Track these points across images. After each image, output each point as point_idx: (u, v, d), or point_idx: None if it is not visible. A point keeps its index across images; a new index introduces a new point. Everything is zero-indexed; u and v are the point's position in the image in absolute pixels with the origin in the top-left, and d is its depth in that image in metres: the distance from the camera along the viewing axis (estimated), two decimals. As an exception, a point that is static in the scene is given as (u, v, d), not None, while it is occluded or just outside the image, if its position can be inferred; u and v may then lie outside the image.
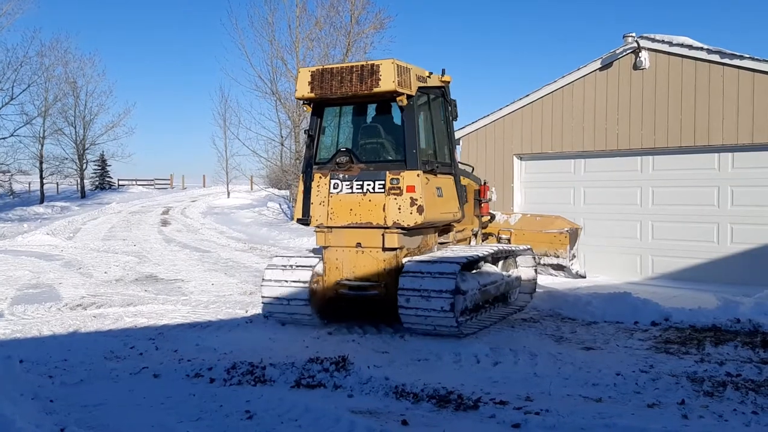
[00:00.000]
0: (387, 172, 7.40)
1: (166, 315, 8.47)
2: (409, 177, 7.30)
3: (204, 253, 15.98)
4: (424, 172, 7.41)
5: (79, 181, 42.47)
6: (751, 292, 9.37)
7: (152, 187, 51.18)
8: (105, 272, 12.78)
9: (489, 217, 9.96)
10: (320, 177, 7.75)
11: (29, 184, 42.16)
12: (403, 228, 7.34)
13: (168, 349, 6.74)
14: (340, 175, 7.63)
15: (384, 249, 7.43)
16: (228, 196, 37.28)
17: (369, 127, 8.01)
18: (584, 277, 10.18)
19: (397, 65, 7.15)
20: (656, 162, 11.70)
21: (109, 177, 48.81)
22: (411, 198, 7.25)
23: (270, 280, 7.73)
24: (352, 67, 7.37)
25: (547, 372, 5.77)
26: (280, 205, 29.11)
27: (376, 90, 7.18)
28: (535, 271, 9.15)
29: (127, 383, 5.59)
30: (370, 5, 23.70)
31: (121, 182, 50.26)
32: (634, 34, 11.65)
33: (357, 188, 7.51)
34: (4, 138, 32.02)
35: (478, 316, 7.84)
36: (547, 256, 9.94)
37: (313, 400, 4.98)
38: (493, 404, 4.88)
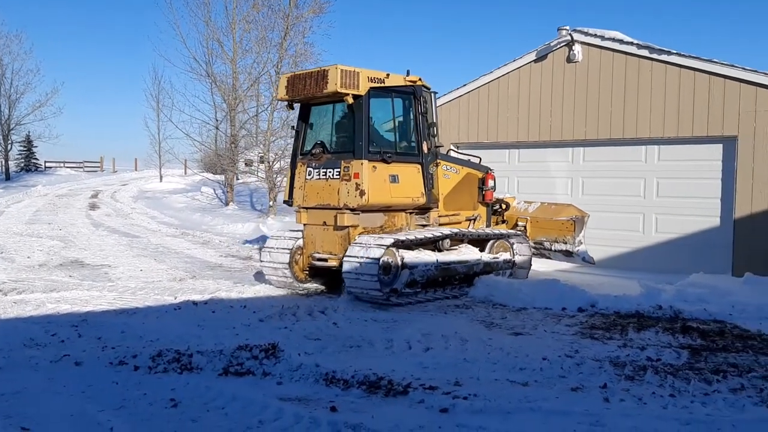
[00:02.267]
0: (342, 161, 8.67)
1: (91, 301, 8.19)
2: (356, 165, 8.52)
3: (133, 239, 15.56)
4: (373, 161, 8.55)
5: (3, 162, 40.57)
6: (673, 279, 9.73)
7: (81, 169, 49.46)
8: (28, 257, 12.29)
9: (505, 206, 10.93)
10: (301, 165, 9.26)
11: (-51, 164, 40.17)
12: (350, 209, 8.59)
13: (91, 336, 6.52)
14: (313, 164, 9.06)
15: (336, 227, 8.76)
16: (160, 180, 36.37)
17: (338, 124, 9.27)
18: (592, 263, 10.50)
19: (342, 70, 8.40)
20: (587, 153, 12.00)
21: (36, 159, 46.89)
22: (356, 183, 8.48)
23: (268, 247, 9.42)
24: (311, 72, 8.76)
25: (476, 357, 5.85)
26: (214, 190, 28.59)
27: (325, 91, 8.51)
28: (531, 254, 10.25)
29: (47, 371, 5.39)
30: (309, -12, 23.30)
31: (48, 164, 48.33)
32: (568, 27, 11.88)
33: (322, 175, 8.92)
34: None
35: (438, 290, 8.87)
36: (557, 242, 10.51)
37: (240, 387, 4.90)
38: (423, 389, 4.91)
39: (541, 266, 10.91)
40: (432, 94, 9.35)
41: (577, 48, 11.76)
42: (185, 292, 8.78)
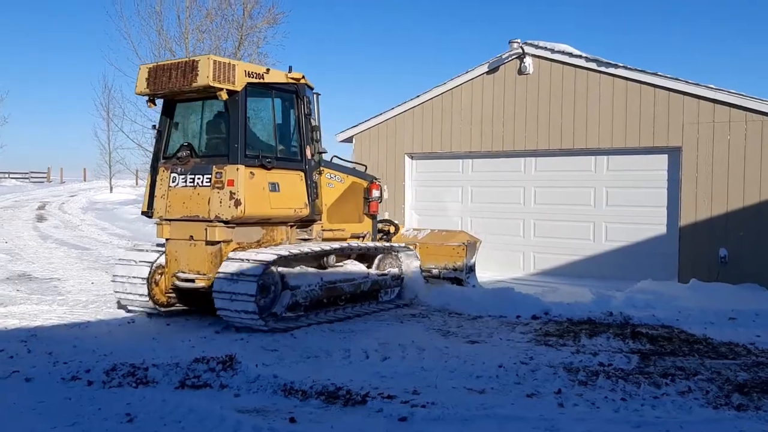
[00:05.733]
0: (213, 166, 7.67)
1: (41, 316, 7.99)
2: (231, 171, 7.54)
3: (83, 251, 15.20)
4: (250, 166, 7.64)
5: (-58, 173, 39.31)
6: (622, 286, 10.00)
7: (27, 180, 48.11)
8: (-28, 271, 11.90)
9: (394, 228, 10.40)
10: (163, 171, 8.13)
11: None
12: (223, 221, 7.56)
13: (42, 351, 6.36)
14: (179, 169, 7.96)
15: (207, 242, 7.67)
16: (111, 191, 35.66)
17: (209, 123, 8.25)
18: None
19: (215, 61, 7.49)
20: (538, 163, 12.24)
21: (-22, 169, 45.46)
22: (230, 192, 7.48)
23: (117, 275, 8.18)
24: (178, 63, 7.72)
25: (433, 365, 5.91)
26: (167, 201, 28.06)
27: (194, 85, 7.51)
28: (420, 271, 9.53)
29: (-5, 388, 5.24)
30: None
31: (-9, 175, 46.93)
32: (519, 40, 12.11)
33: (189, 182, 7.83)
34: None
35: (324, 312, 8.05)
36: (446, 269, 10.04)
37: (198, 400, 4.85)
38: (381, 399, 4.94)
39: (492, 275, 11.05)
40: (316, 96, 8.64)
41: (528, 60, 12.01)
42: (138, 305, 8.62)
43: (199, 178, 7.75)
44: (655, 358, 6.27)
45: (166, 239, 8.06)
